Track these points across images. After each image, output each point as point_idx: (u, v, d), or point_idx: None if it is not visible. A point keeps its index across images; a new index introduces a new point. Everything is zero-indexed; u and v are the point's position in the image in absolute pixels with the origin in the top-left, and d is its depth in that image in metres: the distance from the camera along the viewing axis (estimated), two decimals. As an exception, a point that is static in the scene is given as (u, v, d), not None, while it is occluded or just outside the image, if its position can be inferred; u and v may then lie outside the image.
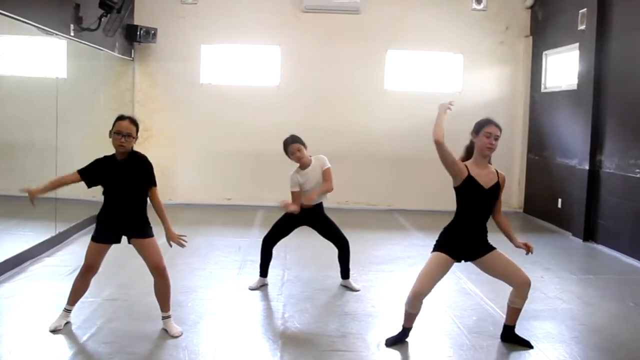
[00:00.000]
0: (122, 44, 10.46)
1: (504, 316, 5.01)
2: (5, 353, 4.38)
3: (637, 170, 8.01)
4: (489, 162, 4.80)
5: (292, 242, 7.16)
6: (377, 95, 11.67)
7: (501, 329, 4.99)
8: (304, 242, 7.67)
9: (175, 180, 11.47)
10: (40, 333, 4.81)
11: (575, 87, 9.80)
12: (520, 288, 4.72)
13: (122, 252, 5.29)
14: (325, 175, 6.08)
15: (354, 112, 11.55)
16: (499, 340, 4.95)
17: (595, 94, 9.03)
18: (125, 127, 4.72)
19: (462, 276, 6.71)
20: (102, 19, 8.61)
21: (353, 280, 6.48)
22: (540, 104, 11.18)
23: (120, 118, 4.79)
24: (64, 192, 7.72)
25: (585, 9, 9.37)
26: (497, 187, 4.70)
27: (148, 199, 4.89)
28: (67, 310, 4.99)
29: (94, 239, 4.89)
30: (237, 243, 8.39)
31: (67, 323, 4.96)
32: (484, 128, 4.62)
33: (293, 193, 6.08)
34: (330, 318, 5.51)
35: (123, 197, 4.80)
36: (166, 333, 4.88)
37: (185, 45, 11.40)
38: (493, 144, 4.60)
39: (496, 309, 5.76)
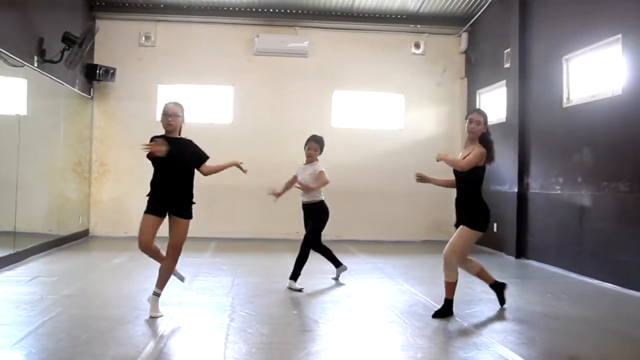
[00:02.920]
0: (82, 82, 11.00)
1: (434, 304, 5.79)
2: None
3: (557, 187, 8.84)
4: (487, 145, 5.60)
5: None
6: (325, 132, 12.20)
7: (430, 312, 5.67)
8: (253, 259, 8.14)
9: (131, 213, 11.79)
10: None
11: (504, 120, 10.72)
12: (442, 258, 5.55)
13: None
14: (320, 175, 7.13)
15: (303, 148, 12.17)
16: (429, 317, 5.52)
17: (520, 123, 9.96)
18: (170, 109, 5.33)
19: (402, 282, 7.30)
20: (65, 52, 9.16)
21: (298, 283, 6.93)
22: (475, 139, 12.05)
23: (167, 103, 5.41)
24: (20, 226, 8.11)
25: (509, 49, 10.39)
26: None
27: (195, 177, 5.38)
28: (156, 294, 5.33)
29: (146, 211, 5.32)
30: (190, 262, 8.78)
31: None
32: (468, 116, 5.76)
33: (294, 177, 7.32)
34: (278, 307, 6.00)
35: (171, 174, 5.24)
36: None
37: (143, 84, 12.01)
38: (473, 128, 5.59)
39: (426, 299, 6.34)
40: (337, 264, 7.50)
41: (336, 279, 7.50)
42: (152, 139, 5.30)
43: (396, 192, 12.26)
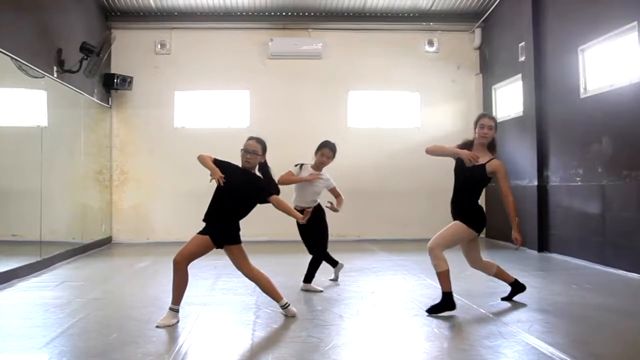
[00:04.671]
0: (100, 91, 11.16)
1: (457, 297, 5.68)
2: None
3: (578, 179, 8.81)
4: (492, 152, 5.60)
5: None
6: (341, 133, 12.40)
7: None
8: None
9: (153, 220, 11.98)
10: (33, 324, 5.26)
11: (521, 114, 10.70)
12: (428, 249, 5.47)
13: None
14: (335, 192, 6.97)
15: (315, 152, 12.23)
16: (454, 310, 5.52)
17: (538, 116, 9.93)
18: (251, 145, 5.35)
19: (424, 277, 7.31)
20: (83, 62, 9.30)
21: (315, 284, 6.87)
22: (492, 134, 12.04)
23: (249, 138, 5.43)
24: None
25: (523, 42, 10.37)
26: (481, 168, 5.46)
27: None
28: (173, 310, 5.17)
29: (200, 232, 5.23)
30: (213, 264, 8.85)
31: (177, 322, 5.13)
32: (479, 121, 5.60)
33: (290, 172, 6.74)
34: (302, 304, 6.04)
35: (224, 201, 5.20)
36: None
37: (160, 92, 12.15)
38: (487, 133, 5.54)
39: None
40: (334, 263, 7.26)
41: (333, 279, 7.29)
42: (227, 163, 5.41)
43: (415, 190, 12.28)
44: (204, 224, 5.29)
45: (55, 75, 8.86)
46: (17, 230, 8.22)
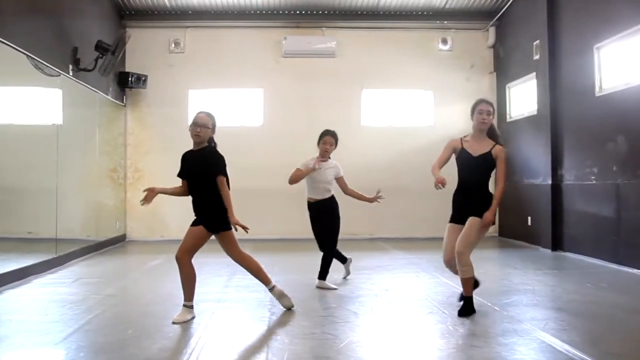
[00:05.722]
0: (115, 89, 11.23)
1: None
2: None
3: (592, 177, 8.76)
4: (494, 139, 5.45)
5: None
6: (355, 131, 12.43)
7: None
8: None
9: (167, 218, 12.02)
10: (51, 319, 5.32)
11: (535, 112, 10.65)
12: (456, 254, 5.29)
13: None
14: (342, 182, 6.90)
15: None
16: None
17: (552, 115, 9.88)
18: (201, 118, 5.21)
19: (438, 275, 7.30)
20: (98, 61, 9.37)
21: (328, 281, 6.86)
22: (507, 132, 11.99)
23: (199, 112, 5.28)
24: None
25: (538, 41, 10.32)
26: (488, 156, 5.35)
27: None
28: (187, 307, 5.20)
29: (193, 224, 5.26)
30: (227, 261, 8.88)
31: (193, 318, 5.18)
32: (477, 107, 5.49)
33: (297, 169, 6.68)
34: (316, 301, 6.06)
35: (194, 188, 5.21)
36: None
37: (174, 90, 12.21)
38: (485, 119, 5.40)
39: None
40: (343, 260, 7.23)
41: (345, 277, 7.28)
42: (182, 158, 5.41)
43: (428, 189, 11.99)
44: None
45: (71, 74, 8.94)
46: (32, 228, 8.29)
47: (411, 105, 12.72)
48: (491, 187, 5.54)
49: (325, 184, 6.76)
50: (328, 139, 6.73)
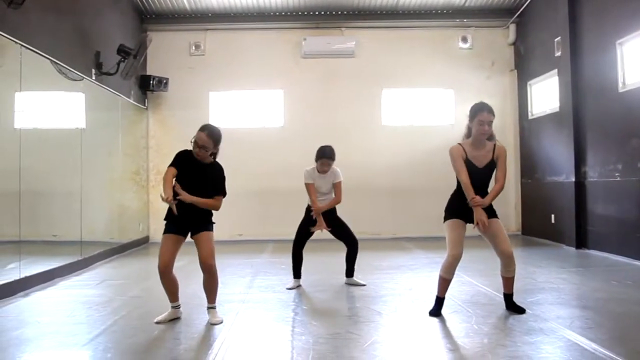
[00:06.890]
0: (136, 92, 11.34)
1: (496, 293, 5.56)
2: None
3: (616, 174, 8.66)
4: (490, 138, 5.29)
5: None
6: (376, 131, 12.43)
7: (493, 302, 5.59)
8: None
9: (189, 219, 12.08)
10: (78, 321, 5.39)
11: (557, 109, 10.55)
12: (502, 258, 5.25)
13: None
14: (336, 188, 6.77)
15: (354, 147, 12.22)
16: (493, 306, 5.48)
17: (575, 111, 9.77)
18: (201, 139, 5.10)
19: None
20: (120, 64, 9.46)
21: (358, 280, 6.97)
22: (528, 130, 11.92)
23: (201, 129, 5.13)
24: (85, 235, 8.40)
25: (559, 37, 10.23)
26: (492, 164, 5.25)
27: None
28: (174, 307, 5.26)
29: (165, 232, 5.24)
30: (249, 262, 8.94)
31: (177, 319, 5.24)
32: (477, 116, 5.20)
33: (308, 185, 6.70)
34: (339, 301, 6.06)
35: (189, 193, 5.09)
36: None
37: (195, 93, 12.30)
38: (486, 130, 5.16)
39: (488, 289, 6.31)
40: (296, 274, 6.95)
41: (290, 288, 6.82)
42: (179, 155, 5.33)
43: (450, 188, 12.00)
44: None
45: (94, 78, 9.04)
46: (58, 231, 8.40)
47: (432, 104, 12.68)
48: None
49: (329, 194, 6.81)
50: (325, 162, 6.65)
